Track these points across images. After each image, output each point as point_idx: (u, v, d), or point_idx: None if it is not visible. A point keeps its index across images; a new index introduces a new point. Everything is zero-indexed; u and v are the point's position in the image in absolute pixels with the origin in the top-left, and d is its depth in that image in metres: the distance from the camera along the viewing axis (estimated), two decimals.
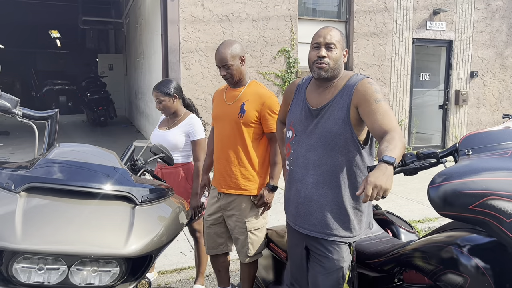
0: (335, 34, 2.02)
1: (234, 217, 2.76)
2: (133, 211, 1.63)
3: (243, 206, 2.73)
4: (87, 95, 13.91)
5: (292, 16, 7.82)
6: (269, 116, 2.66)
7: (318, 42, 2.01)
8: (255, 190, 2.73)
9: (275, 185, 2.73)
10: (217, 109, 2.81)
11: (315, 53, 2.02)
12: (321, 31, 2.03)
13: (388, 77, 8.73)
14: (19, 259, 1.43)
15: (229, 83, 2.74)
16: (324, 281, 2.04)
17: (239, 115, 2.65)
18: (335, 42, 2.00)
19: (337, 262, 2.03)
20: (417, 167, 1.97)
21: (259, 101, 2.65)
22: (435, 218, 5.02)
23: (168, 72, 7.12)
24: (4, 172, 1.65)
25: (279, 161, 2.72)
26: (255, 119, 2.66)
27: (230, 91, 2.76)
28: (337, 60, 2.01)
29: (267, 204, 2.74)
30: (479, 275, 1.50)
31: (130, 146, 2.30)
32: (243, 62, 2.68)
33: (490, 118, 9.80)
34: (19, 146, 9.86)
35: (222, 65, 2.62)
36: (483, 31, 9.41)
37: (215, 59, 2.65)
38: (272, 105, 2.67)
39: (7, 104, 2.03)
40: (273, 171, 2.73)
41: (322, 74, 2.01)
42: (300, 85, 2.21)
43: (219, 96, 2.84)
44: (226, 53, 2.59)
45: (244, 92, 2.70)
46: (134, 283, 1.60)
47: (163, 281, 3.58)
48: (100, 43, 22.95)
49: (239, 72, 2.67)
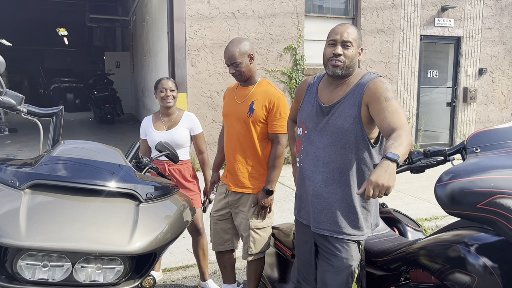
0: (352, 32, 1.99)
1: (240, 214, 2.77)
2: (137, 209, 1.63)
3: (249, 204, 2.74)
4: (94, 92, 13.98)
5: (298, 13, 7.79)
6: (275, 117, 2.65)
7: (334, 39, 1.99)
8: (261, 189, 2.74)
9: (270, 189, 2.69)
10: (227, 107, 2.81)
11: (330, 50, 1.99)
12: (338, 28, 2.00)
13: (396, 74, 8.67)
14: (24, 256, 1.43)
15: (238, 81, 2.74)
16: (332, 279, 2.03)
17: (248, 114, 2.65)
18: (351, 40, 1.98)
19: (345, 260, 2.02)
20: (424, 165, 1.95)
21: (267, 100, 2.65)
22: (442, 216, 4.98)
23: (175, 70, 7.13)
24: (9, 169, 1.65)
25: (278, 164, 2.70)
26: (263, 118, 2.66)
27: (241, 89, 2.77)
28: (352, 58, 1.99)
29: (265, 208, 2.73)
30: (487, 274, 1.48)
31: (135, 143, 2.29)
32: (252, 60, 2.66)
33: (498, 115, 9.70)
34: (27, 143, 9.94)
35: (231, 63, 2.62)
36: (492, 28, 9.31)
37: (224, 57, 2.65)
38: (280, 105, 2.65)
39: (12, 101, 2.03)
40: (271, 175, 2.70)
41: (336, 72, 2.00)
42: (311, 83, 2.21)
43: (230, 94, 2.84)
44: (234, 51, 2.58)
45: (254, 91, 2.70)
46: (138, 280, 1.60)
47: (168, 278, 3.58)
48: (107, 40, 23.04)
49: (248, 70, 2.66)
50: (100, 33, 22.64)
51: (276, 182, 2.72)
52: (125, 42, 18.25)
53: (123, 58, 17.09)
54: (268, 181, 2.70)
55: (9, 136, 11.08)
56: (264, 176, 2.73)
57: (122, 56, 17.36)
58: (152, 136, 3.15)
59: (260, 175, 2.72)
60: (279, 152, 2.69)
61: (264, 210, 2.74)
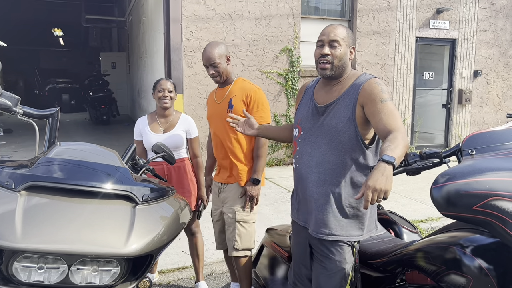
0: (340, 32, 2.00)
1: (227, 208, 2.85)
2: (134, 211, 1.62)
3: (235, 196, 2.82)
4: (90, 93, 13.94)
5: (295, 15, 7.80)
6: (253, 109, 2.76)
7: (322, 39, 2.01)
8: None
9: (257, 178, 2.79)
10: (210, 109, 2.96)
11: (318, 51, 2.02)
12: (326, 29, 2.02)
13: (391, 76, 8.71)
14: (19, 258, 1.42)
15: (217, 82, 2.86)
16: (326, 282, 2.03)
17: (228, 110, 2.78)
18: (339, 39, 1.98)
19: (339, 263, 2.01)
20: (420, 167, 1.96)
21: (244, 95, 2.77)
22: (438, 218, 5.00)
23: (171, 71, 7.12)
24: (4, 171, 1.64)
25: (262, 154, 2.80)
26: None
27: (219, 90, 2.90)
28: (341, 57, 1.99)
29: (253, 198, 2.80)
30: (482, 275, 1.49)
31: (131, 145, 2.29)
32: (228, 61, 2.81)
33: (493, 117, 9.76)
34: (22, 144, 9.89)
35: (210, 64, 2.75)
36: (487, 30, 9.36)
37: (203, 59, 2.78)
38: (257, 98, 2.77)
39: (8, 102, 2.03)
40: (256, 165, 2.80)
41: (325, 73, 2.01)
42: (309, 86, 2.24)
43: (211, 97, 2.98)
44: (213, 52, 2.72)
45: (231, 89, 2.83)
46: (134, 282, 1.59)
47: (164, 280, 3.57)
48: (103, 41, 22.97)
49: (226, 71, 2.79)
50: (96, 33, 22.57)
51: (262, 172, 2.82)
52: (121, 43, 18.22)
53: (119, 59, 17.05)
54: (254, 170, 2.80)
55: (4, 137, 11.02)
56: (251, 170, 2.83)
57: (118, 57, 17.33)
58: (148, 139, 3.13)
59: (247, 169, 2.82)
60: (261, 142, 2.80)
61: (251, 201, 2.80)
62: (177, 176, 3.14)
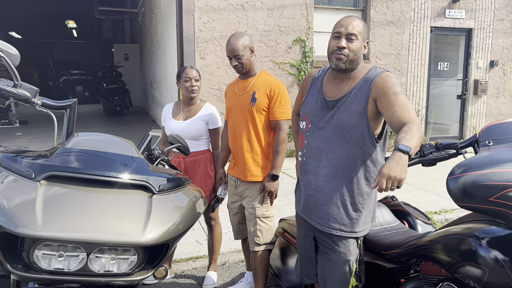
0: (357, 25, 1.96)
1: (247, 203, 2.84)
2: (150, 200, 1.65)
3: (254, 192, 2.81)
4: (103, 85, 14.04)
5: (307, 5, 7.74)
6: (275, 104, 2.74)
7: (339, 31, 1.96)
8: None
9: (275, 174, 2.78)
10: (230, 101, 2.91)
11: (335, 43, 1.97)
12: (343, 21, 1.98)
13: (405, 67, 8.61)
14: (40, 246, 1.45)
15: (239, 73, 2.82)
16: (331, 274, 2.05)
17: (251, 103, 2.74)
18: (356, 33, 1.95)
19: (343, 255, 2.02)
20: (436, 158, 1.95)
21: (268, 88, 2.74)
22: (452, 209, 4.96)
23: (183, 62, 7.13)
24: (24, 161, 1.67)
25: (281, 150, 2.78)
26: (265, 106, 2.75)
27: (241, 82, 2.86)
28: (357, 52, 1.97)
29: (272, 193, 2.80)
30: (498, 267, 1.48)
31: (147, 135, 2.31)
32: (252, 53, 2.78)
33: (510, 108, 9.60)
34: (37, 135, 10.03)
35: (234, 56, 2.71)
36: (504, 19, 9.18)
37: (226, 50, 2.74)
38: (281, 93, 2.75)
39: (27, 93, 2.06)
40: (275, 160, 2.78)
41: (340, 65, 1.98)
42: (316, 77, 2.19)
43: (231, 89, 2.93)
44: (237, 43, 2.68)
45: (255, 82, 2.79)
46: (151, 271, 1.62)
47: (178, 269, 3.62)
48: (115, 33, 23.07)
49: (249, 62, 2.76)
50: (109, 25, 22.67)
51: (280, 168, 2.80)
52: (134, 34, 18.27)
53: (131, 51, 17.12)
54: (273, 166, 2.78)
55: (20, 128, 11.19)
56: (268, 165, 2.81)
57: (130, 48, 17.40)
58: (168, 125, 3.15)
59: (266, 164, 2.81)
60: (282, 138, 2.77)
61: (270, 196, 2.80)
62: (192, 170, 3.12)
